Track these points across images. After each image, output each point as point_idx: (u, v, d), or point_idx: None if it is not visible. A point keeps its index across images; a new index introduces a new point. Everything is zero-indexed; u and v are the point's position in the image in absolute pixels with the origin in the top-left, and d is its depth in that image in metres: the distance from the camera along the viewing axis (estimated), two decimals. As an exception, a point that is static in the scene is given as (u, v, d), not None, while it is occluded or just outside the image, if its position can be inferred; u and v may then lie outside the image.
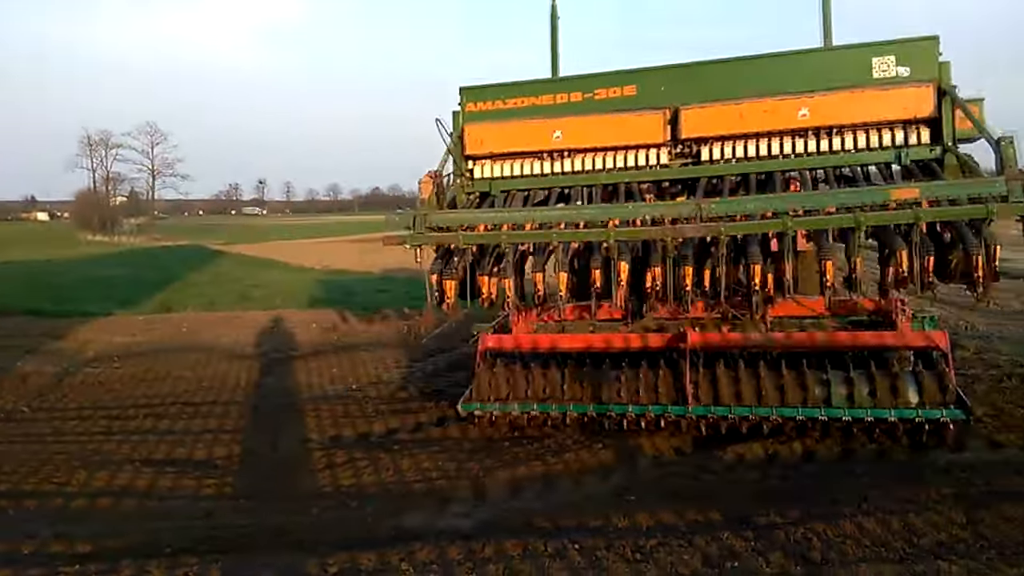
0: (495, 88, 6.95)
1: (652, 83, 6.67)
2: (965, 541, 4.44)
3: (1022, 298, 13.80)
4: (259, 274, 24.50)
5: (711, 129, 6.53)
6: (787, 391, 6.11)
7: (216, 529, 5.10)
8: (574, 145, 6.74)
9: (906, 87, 6.28)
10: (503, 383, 6.72)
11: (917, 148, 6.31)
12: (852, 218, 5.49)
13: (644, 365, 6.46)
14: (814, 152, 6.47)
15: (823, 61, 6.59)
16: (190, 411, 8.24)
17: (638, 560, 4.37)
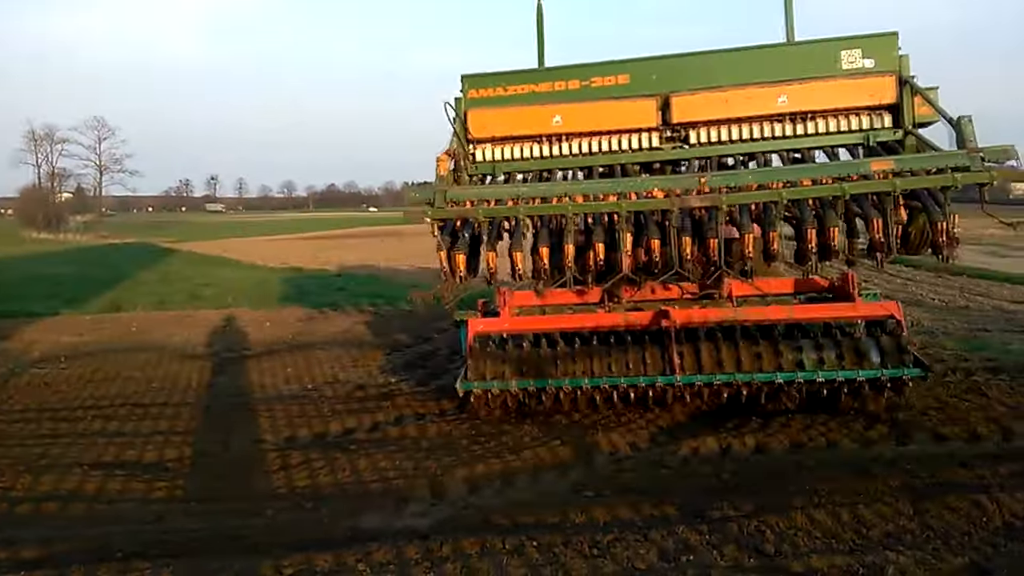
0: (496, 76, 7.25)
1: (644, 72, 7.11)
2: (912, 532, 4.56)
3: (965, 293, 14.25)
4: (211, 272, 24.07)
5: (699, 114, 7.03)
6: (764, 359, 6.60)
7: (167, 533, 5.00)
8: (572, 129, 7.13)
9: (871, 77, 6.92)
10: (497, 363, 6.93)
11: (882, 131, 6.96)
12: (838, 187, 6.02)
13: (630, 341, 6.85)
14: (791, 135, 7.04)
15: (798, 53, 7.15)
16: (140, 412, 8.05)
17: (595, 555, 4.40)
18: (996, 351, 9.17)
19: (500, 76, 7.27)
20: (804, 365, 6.55)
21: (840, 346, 6.61)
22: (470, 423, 7.21)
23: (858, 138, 7.03)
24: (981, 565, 4.12)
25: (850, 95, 6.97)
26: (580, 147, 7.20)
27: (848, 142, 7.05)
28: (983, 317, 11.68)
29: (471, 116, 7.17)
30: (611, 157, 7.18)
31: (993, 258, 21.78)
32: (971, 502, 4.81)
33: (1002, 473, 5.39)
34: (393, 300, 15.93)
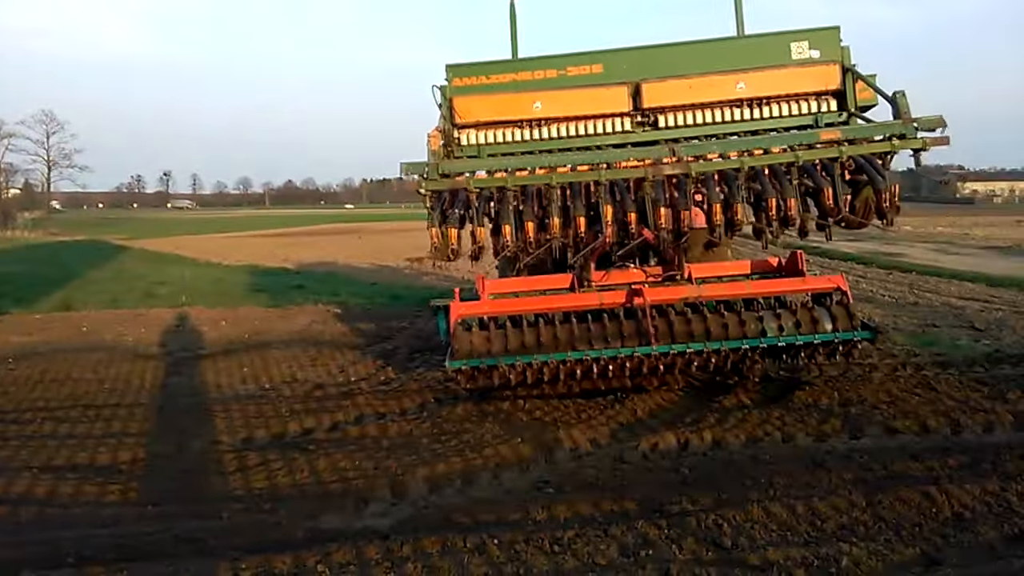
0: (478, 65, 7.69)
1: (616, 62, 7.68)
2: (865, 524, 4.66)
3: (915, 290, 14.61)
4: (164, 270, 23.59)
5: (667, 100, 7.62)
6: (730, 328, 7.15)
7: (122, 537, 4.90)
8: (551, 115, 7.62)
9: (818, 66, 7.59)
10: (483, 342, 7.27)
11: (828, 114, 7.62)
12: (793, 155, 6.65)
13: (606, 318, 7.29)
14: (749, 119, 7.69)
15: (754, 45, 7.77)
16: (92, 414, 7.86)
17: (556, 552, 4.42)
18: (945, 346, 9.42)
19: (482, 66, 7.69)
20: (766, 332, 7.13)
21: (796, 314, 7.22)
22: (431, 422, 7.19)
23: (808, 120, 7.64)
24: (931, 555, 4.23)
25: (799, 82, 7.62)
26: (559, 131, 7.66)
27: (799, 124, 7.62)
28: (932, 313, 11.98)
29: (456, 103, 7.53)
30: (588, 140, 7.63)
31: (942, 255, 22.40)
32: (922, 494, 4.92)
33: (951, 465, 5.54)
34: (352, 298, 15.81)
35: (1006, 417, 6.46)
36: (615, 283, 7.78)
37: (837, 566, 4.13)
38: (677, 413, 7.24)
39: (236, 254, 30.20)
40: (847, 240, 23.76)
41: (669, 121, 7.68)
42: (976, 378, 7.78)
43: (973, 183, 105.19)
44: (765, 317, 7.26)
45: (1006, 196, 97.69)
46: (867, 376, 8.07)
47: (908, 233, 32.80)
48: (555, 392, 7.99)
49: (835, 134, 6.85)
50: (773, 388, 7.88)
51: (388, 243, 35.67)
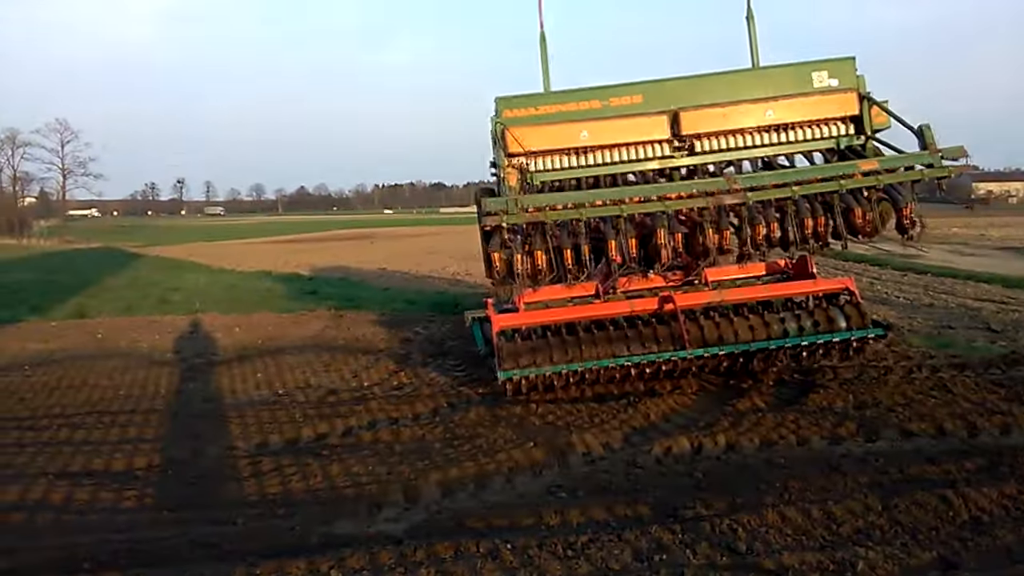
0: (528, 97, 8.13)
1: (655, 92, 8.15)
2: (881, 528, 4.63)
3: (930, 291, 14.50)
4: (178, 277, 23.73)
5: (703, 127, 8.12)
6: (756, 330, 7.75)
7: (137, 542, 4.93)
8: (597, 143, 8.09)
9: (837, 93, 8.13)
10: (526, 352, 7.70)
11: (847, 138, 8.17)
12: (836, 184, 7.25)
13: (640, 325, 7.82)
14: (777, 143, 8.22)
15: (779, 74, 8.28)
16: (107, 420, 7.92)
17: (570, 557, 4.41)
18: (961, 348, 9.34)
19: (530, 97, 8.13)
20: (788, 333, 7.73)
21: (814, 315, 7.85)
22: (444, 427, 7.20)
23: (830, 144, 8.17)
24: (949, 559, 4.20)
25: (821, 108, 8.15)
26: (604, 157, 8.14)
27: (822, 147, 8.20)
28: (948, 315, 11.89)
29: (509, 133, 7.96)
30: (631, 165, 8.16)
31: (957, 256, 22.21)
32: (938, 497, 4.89)
33: (968, 468, 5.50)
34: (365, 304, 15.85)
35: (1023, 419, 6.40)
36: (639, 288, 8.20)
37: (853, 570, 4.11)
38: (690, 417, 7.22)
39: (249, 260, 30.35)
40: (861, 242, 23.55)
41: (705, 146, 8.17)
42: (993, 380, 7.72)
43: (988, 183, 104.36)
44: (786, 318, 7.83)
45: (1022, 196, 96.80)
46: (882, 378, 8.02)
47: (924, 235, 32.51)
48: (568, 396, 8.00)
49: (873, 164, 7.43)
50: (787, 391, 7.85)
51: (401, 248, 35.77)
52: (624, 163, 8.17)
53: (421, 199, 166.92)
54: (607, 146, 8.13)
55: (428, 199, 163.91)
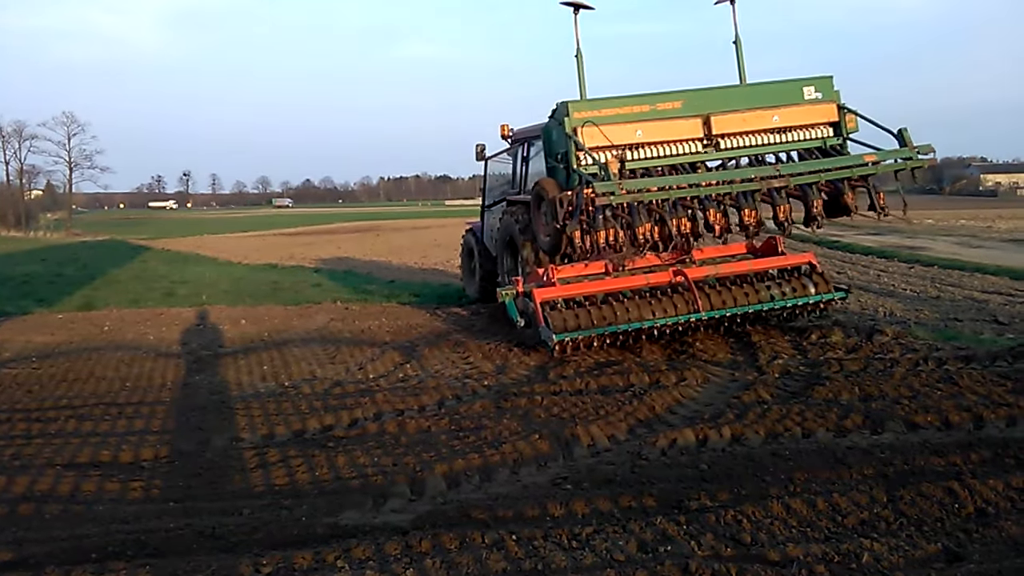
0: (591, 102, 9.66)
1: (691, 99, 9.83)
2: (887, 519, 4.62)
3: (937, 284, 14.45)
4: (185, 270, 23.80)
5: (728, 128, 9.89)
6: (749, 296, 9.83)
7: (144, 533, 4.94)
8: (649, 140, 9.69)
9: (822, 104, 10.15)
10: (571, 318, 9.39)
11: (831, 139, 10.21)
12: (849, 171, 9.58)
13: (659, 294, 9.72)
14: (782, 142, 10.14)
15: (782, 88, 10.15)
16: (114, 412, 7.95)
17: (575, 548, 4.42)
18: (968, 340, 9.32)
19: (593, 102, 9.66)
20: (775, 297, 9.83)
21: (789, 282, 10.05)
22: (449, 418, 7.21)
23: (819, 143, 10.19)
24: (954, 551, 4.19)
25: (812, 116, 10.15)
26: (654, 151, 9.74)
27: (814, 145, 10.19)
28: (955, 307, 11.85)
29: (582, 131, 9.35)
30: (674, 159, 9.77)
31: (964, 248, 22.13)
32: (944, 489, 4.87)
33: (974, 460, 5.49)
34: (370, 296, 15.88)
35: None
36: (640, 267, 10.05)
37: (858, 562, 4.10)
38: (695, 409, 7.22)
39: (255, 253, 30.44)
40: (868, 234, 23.54)
41: (729, 144, 9.92)
42: (999, 372, 7.69)
43: (996, 175, 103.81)
44: (771, 286, 9.92)
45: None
46: (888, 371, 8.01)
47: (930, 227, 32.43)
48: (573, 388, 8.02)
49: (872, 157, 9.57)
50: (793, 384, 7.84)
51: (406, 241, 35.79)
52: (668, 157, 9.72)
53: (427, 191, 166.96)
54: (656, 142, 9.71)
55: (434, 191, 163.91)
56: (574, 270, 9.91)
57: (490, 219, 13.63)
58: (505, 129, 12.64)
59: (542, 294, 9.47)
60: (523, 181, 11.96)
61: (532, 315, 9.58)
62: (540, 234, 10.06)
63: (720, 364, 8.90)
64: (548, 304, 9.44)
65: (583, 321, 9.32)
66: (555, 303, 9.49)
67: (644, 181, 9.13)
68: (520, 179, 12.14)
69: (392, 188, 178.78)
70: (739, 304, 9.67)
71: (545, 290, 9.54)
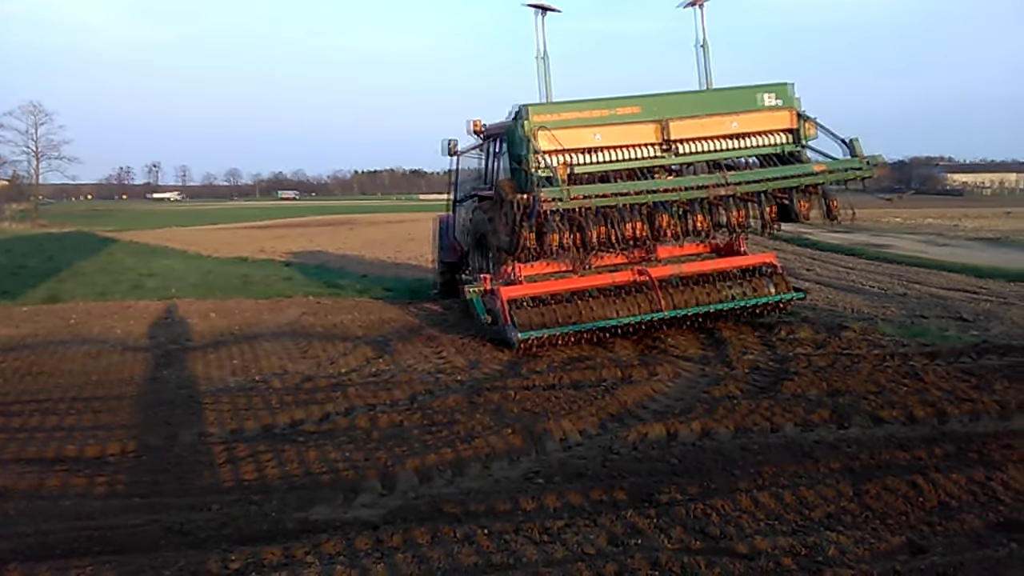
0: (552, 105, 9.74)
1: (649, 104, 9.80)
2: (852, 512, 4.70)
3: (902, 281, 14.68)
4: (153, 262, 23.47)
5: (686, 134, 9.86)
6: (711, 295, 10.03)
7: (109, 529, 4.88)
8: (607, 144, 9.67)
9: (780, 111, 10.15)
10: (536, 316, 9.49)
11: (788, 146, 10.23)
12: (798, 180, 9.64)
13: (623, 293, 9.86)
14: (740, 148, 10.12)
15: (740, 94, 10.13)
16: (80, 406, 7.83)
17: (546, 542, 4.44)
18: (933, 336, 9.49)
19: (554, 105, 9.72)
20: (735, 297, 10.03)
21: (751, 282, 10.28)
22: (422, 413, 7.19)
23: (776, 149, 10.20)
24: (917, 543, 4.27)
25: (770, 122, 10.16)
26: (611, 155, 9.67)
27: (772, 152, 10.21)
28: (920, 304, 12.06)
29: (538, 135, 9.25)
30: (632, 163, 9.73)
31: (930, 247, 22.51)
32: (908, 483, 4.97)
33: (938, 454, 5.59)
34: (342, 290, 15.78)
35: (992, 407, 6.52)
36: (603, 264, 10.07)
37: (824, 554, 4.17)
38: (666, 404, 7.27)
39: (226, 246, 30.09)
40: (835, 232, 23.84)
41: (686, 149, 9.87)
42: (963, 368, 7.84)
43: (962, 175, 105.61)
44: (732, 285, 10.17)
45: (995, 188, 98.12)
46: (855, 367, 8.12)
47: (897, 225, 32.92)
48: (545, 383, 8.04)
49: (822, 167, 9.76)
50: (761, 379, 7.93)
51: (380, 235, 35.61)
52: (625, 161, 9.68)
53: (401, 185, 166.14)
54: (614, 146, 9.69)
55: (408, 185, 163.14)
56: (540, 268, 9.96)
57: (461, 214, 13.54)
58: (477, 125, 12.45)
59: (508, 292, 9.57)
60: (494, 177, 11.82)
61: (498, 312, 9.63)
62: (501, 233, 10.02)
63: (691, 359, 8.97)
64: (514, 302, 9.55)
65: (548, 319, 9.43)
66: (521, 301, 9.59)
67: (594, 187, 9.13)
68: (491, 175, 12.03)
69: (366, 181, 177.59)
70: (700, 303, 9.88)
71: (511, 288, 9.64)
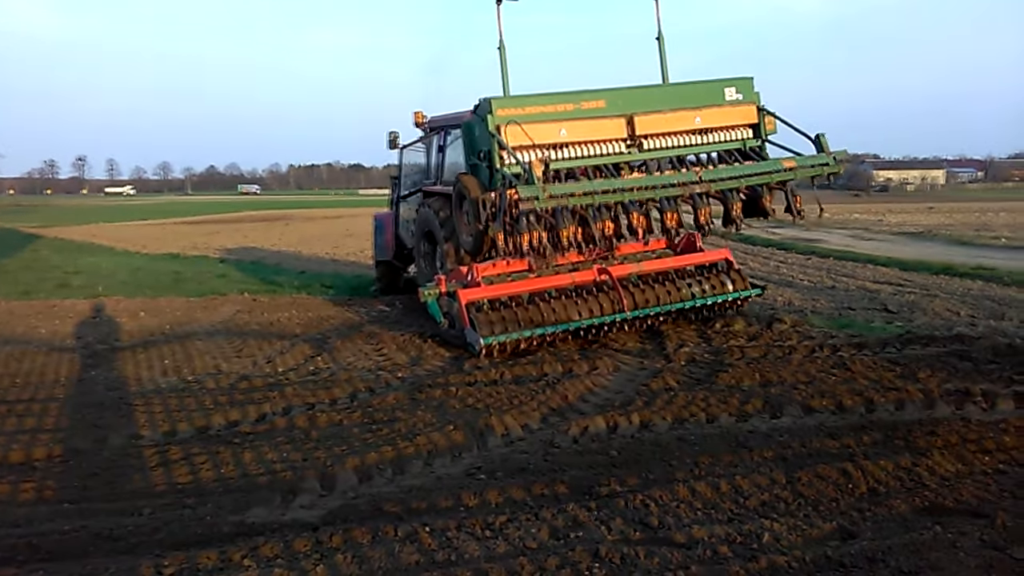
0: (516, 99, 9.18)
1: (614, 98, 9.48)
2: (786, 500, 4.83)
3: (832, 275, 15.13)
4: (80, 259, 22.65)
5: (651, 129, 9.60)
6: (671, 294, 9.91)
7: (36, 536, 4.70)
8: (573, 139, 9.29)
9: (742, 106, 9.97)
10: (498, 320, 9.12)
11: (750, 141, 10.06)
12: (768, 176, 9.44)
13: (583, 292, 9.64)
14: (703, 143, 9.90)
15: (703, 89, 9.92)
16: (3, 410, 7.50)
17: (488, 537, 4.45)
18: (860, 328, 9.79)
19: (518, 99, 9.18)
20: (696, 295, 9.96)
21: (709, 280, 10.23)
22: (362, 411, 7.12)
23: (739, 144, 10.00)
24: (848, 529, 4.42)
25: (732, 117, 9.96)
26: (578, 151, 9.34)
27: (734, 147, 10.00)
28: (848, 296, 12.44)
29: (504, 130, 8.84)
30: (597, 159, 9.38)
31: (858, 241, 23.23)
32: (839, 470, 5.13)
33: (866, 442, 5.79)
34: (279, 288, 15.50)
35: (917, 395, 6.77)
36: (563, 263, 9.63)
37: (759, 542, 4.27)
38: (607, 397, 7.36)
39: (155, 242, 29.26)
40: (768, 227, 24.43)
41: (651, 144, 9.62)
42: (889, 358, 8.12)
43: (887, 171, 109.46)
44: (691, 283, 10.07)
45: (919, 184, 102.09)
46: (786, 358, 8.34)
47: (826, 220, 33.87)
48: (488, 378, 8.04)
49: (792, 164, 9.51)
50: (698, 371, 8.08)
51: (318, 231, 35.07)
52: (592, 157, 9.35)
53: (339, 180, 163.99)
54: (580, 142, 9.33)
55: (346, 180, 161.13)
56: (497, 268, 9.60)
57: (404, 210, 13.23)
58: (419, 116, 12.20)
59: (467, 295, 9.16)
60: (439, 171, 11.69)
61: (456, 316, 9.27)
62: (462, 233, 9.63)
63: (630, 353, 9.09)
64: (473, 305, 9.15)
65: (510, 323, 9.09)
66: (480, 304, 9.19)
67: (569, 186, 8.68)
68: (436, 169, 11.81)
69: (303, 176, 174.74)
70: (662, 303, 9.72)
71: (470, 291, 9.22)
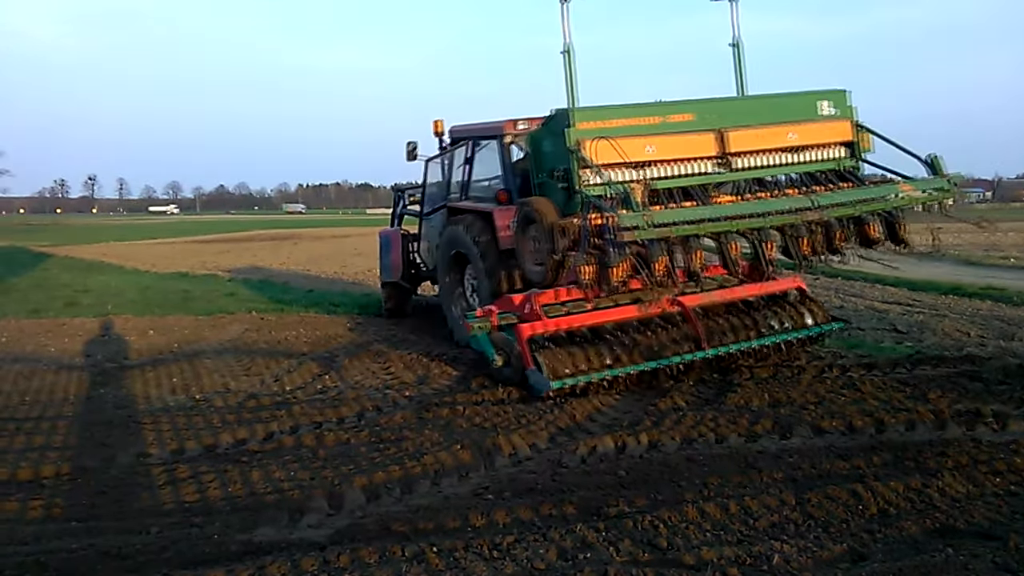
0: (598, 110, 8.14)
1: (703, 111, 8.51)
2: (796, 521, 4.79)
3: (840, 294, 15.10)
4: (90, 278, 22.76)
5: (743, 146, 8.55)
6: (749, 328, 8.69)
7: (44, 554, 4.70)
8: (660, 157, 8.24)
9: (837, 121, 8.93)
10: (566, 359, 7.91)
11: (846, 160, 8.97)
12: (883, 203, 8.37)
13: (657, 327, 8.43)
14: (796, 163, 8.82)
15: (797, 101, 8.96)
16: (12, 428, 7.53)
17: (496, 558, 4.42)
18: (870, 348, 9.75)
19: (601, 110, 8.16)
20: (775, 329, 8.79)
21: (788, 311, 9.05)
22: (369, 430, 7.11)
23: (834, 165, 8.92)
24: (858, 551, 4.37)
25: (827, 133, 8.91)
26: (665, 170, 8.28)
27: (829, 168, 8.92)
28: (857, 316, 12.40)
29: (586, 145, 7.83)
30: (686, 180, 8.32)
31: (865, 260, 23.11)
32: (849, 491, 5.08)
33: (876, 463, 5.74)
34: (287, 306, 15.53)
35: (927, 416, 6.71)
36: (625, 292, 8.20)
37: (769, 564, 4.24)
38: (614, 417, 7.33)
39: (164, 261, 29.37)
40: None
41: (741, 163, 8.60)
42: (899, 379, 8.07)
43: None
44: (769, 316, 8.90)
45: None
46: (796, 378, 8.31)
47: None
48: (495, 397, 8.02)
49: (910, 188, 8.53)
50: (706, 391, 8.05)
51: (326, 250, 35.18)
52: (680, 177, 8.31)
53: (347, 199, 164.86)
54: (669, 160, 8.33)
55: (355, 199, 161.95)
56: (554, 297, 8.48)
57: (427, 229, 12.36)
58: (439, 125, 11.44)
59: (528, 330, 8.07)
60: (465, 186, 10.87)
61: (516, 355, 8.12)
62: (528, 262, 8.37)
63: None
64: (535, 342, 8.04)
65: (580, 364, 7.91)
66: (542, 340, 8.07)
67: (674, 212, 7.68)
68: (462, 184, 10.92)
69: (311, 195, 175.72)
70: (740, 339, 8.54)
71: (532, 325, 8.11)
